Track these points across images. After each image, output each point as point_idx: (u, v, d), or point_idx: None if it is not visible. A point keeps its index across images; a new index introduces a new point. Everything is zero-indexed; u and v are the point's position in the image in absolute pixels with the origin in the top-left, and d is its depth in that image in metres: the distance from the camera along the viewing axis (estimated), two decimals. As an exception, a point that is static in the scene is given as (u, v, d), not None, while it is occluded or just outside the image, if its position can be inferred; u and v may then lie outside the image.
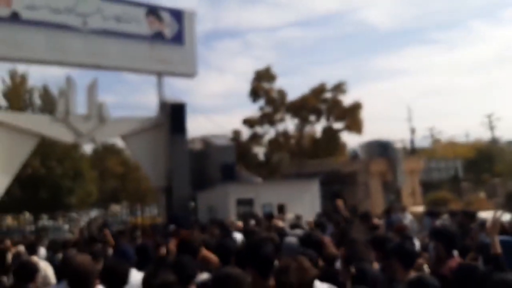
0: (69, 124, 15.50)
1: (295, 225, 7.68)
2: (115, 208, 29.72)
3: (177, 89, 35.87)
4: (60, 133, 15.66)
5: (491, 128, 41.86)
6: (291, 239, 5.03)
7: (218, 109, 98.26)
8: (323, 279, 3.13)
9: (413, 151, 29.76)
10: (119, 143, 22.31)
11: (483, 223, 5.21)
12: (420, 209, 16.17)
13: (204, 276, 3.59)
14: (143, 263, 4.18)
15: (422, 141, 43.70)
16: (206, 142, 19.94)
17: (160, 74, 17.74)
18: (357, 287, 2.88)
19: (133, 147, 17.55)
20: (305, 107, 29.47)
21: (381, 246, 3.75)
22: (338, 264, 3.83)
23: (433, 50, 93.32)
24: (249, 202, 14.85)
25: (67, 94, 15.86)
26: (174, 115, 16.83)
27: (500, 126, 66.97)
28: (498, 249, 3.19)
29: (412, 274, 3.19)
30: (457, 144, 41.46)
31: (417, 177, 23.63)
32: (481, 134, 61.96)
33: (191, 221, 14.07)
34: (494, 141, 41.86)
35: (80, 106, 16.01)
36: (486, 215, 8.91)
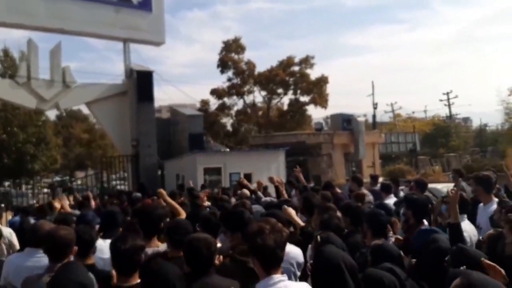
0: (31, 89, 15.06)
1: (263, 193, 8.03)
2: (80, 175, 29.35)
3: (144, 57, 35.07)
4: (22, 98, 15.22)
5: (449, 105, 43.76)
6: (257, 207, 5.39)
7: (186, 79, 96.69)
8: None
9: (374, 125, 30.81)
10: (85, 109, 21.87)
11: (444, 195, 5.51)
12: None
13: None
14: (110, 229, 4.21)
15: (383, 116, 45.17)
16: (174, 111, 19.92)
17: (126, 41, 17.36)
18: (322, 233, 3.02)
19: (98, 114, 17.30)
20: (273, 80, 29.74)
21: (351, 213, 4.00)
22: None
23: (397, 28, 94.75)
24: (216, 171, 15.15)
25: (29, 58, 15.35)
26: (141, 82, 16.65)
27: (457, 103, 69.65)
28: (458, 218, 3.36)
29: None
30: (416, 119, 43.16)
31: (377, 150, 24.70)
32: (439, 111, 64.49)
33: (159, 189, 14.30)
34: (450, 118, 43.83)
35: (43, 71, 15.57)
36: (441, 187, 9.58)
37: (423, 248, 3.22)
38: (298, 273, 3.37)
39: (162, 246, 3.63)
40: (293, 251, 3.44)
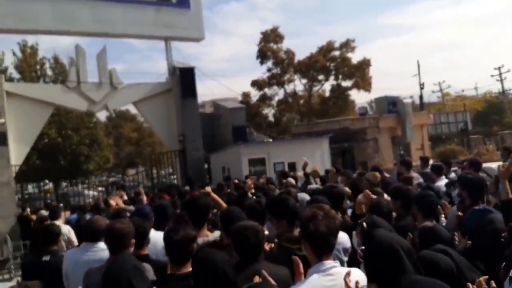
0: (81, 92, 15.83)
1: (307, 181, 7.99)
2: (131, 172, 30.59)
3: (185, 54, 35.80)
4: (73, 102, 16.03)
5: (501, 80, 41.26)
6: (303, 195, 5.39)
7: (226, 73, 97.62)
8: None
9: (422, 106, 29.66)
10: (132, 109, 22.75)
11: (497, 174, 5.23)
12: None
13: None
14: (161, 222, 4.30)
15: (431, 96, 43.36)
16: (217, 105, 20.28)
17: (167, 39, 17.78)
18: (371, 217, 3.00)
19: (145, 112, 17.91)
20: (313, 67, 29.37)
21: (400, 196, 3.94)
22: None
23: (440, 4, 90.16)
24: (261, 162, 15.28)
25: (78, 62, 16.11)
26: (183, 79, 17.04)
27: (510, 78, 65.57)
28: (509, 194, 3.26)
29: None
30: (466, 97, 41.11)
31: (426, 132, 23.80)
32: (491, 87, 60.78)
33: (206, 182, 14.67)
34: (503, 94, 41.33)
35: (91, 74, 16.31)
36: (495, 166, 9.12)
37: (478, 229, 3.13)
38: (345, 259, 3.34)
39: (212, 236, 3.72)
40: (340, 236, 3.41)
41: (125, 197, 8.55)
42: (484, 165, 7.72)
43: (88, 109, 16.70)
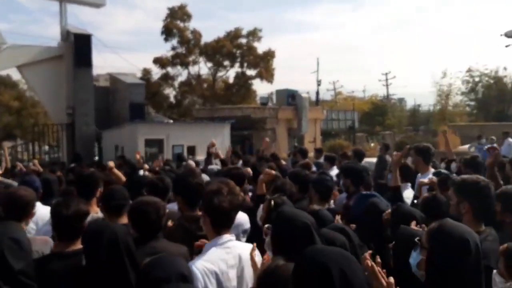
0: (-47, 48, 13.66)
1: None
2: (8, 145, 27.39)
3: (83, 21, 32.99)
4: None
5: (387, 85, 45.77)
6: (204, 176, 5.31)
7: (127, 47, 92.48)
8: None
9: (317, 102, 31.51)
10: (15, 75, 20.22)
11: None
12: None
13: None
14: (46, 197, 4.10)
15: (325, 94, 46.38)
16: (114, 78, 18.97)
17: (62, 1, 16.15)
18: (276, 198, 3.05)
19: (31, 79, 16.13)
20: (219, 51, 29.23)
21: (298, 180, 4.10)
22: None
23: (344, 7, 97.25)
24: (158, 143, 14.77)
25: None
26: (78, 46, 15.65)
27: (393, 84, 73.21)
28: (398, 182, 3.67)
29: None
30: (356, 98, 44.79)
31: (319, 126, 25.36)
32: (378, 90, 67.52)
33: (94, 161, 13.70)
34: (387, 98, 45.96)
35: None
36: (375, 161, 10.12)
37: (364, 212, 3.40)
38: (243, 240, 3.38)
39: (101, 213, 3.49)
40: (240, 217, 3.38)
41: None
42: (366, 159, 8.57)
43: (-40, 68, 14.47)
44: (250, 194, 4.70)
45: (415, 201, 3.82)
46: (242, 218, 3.43)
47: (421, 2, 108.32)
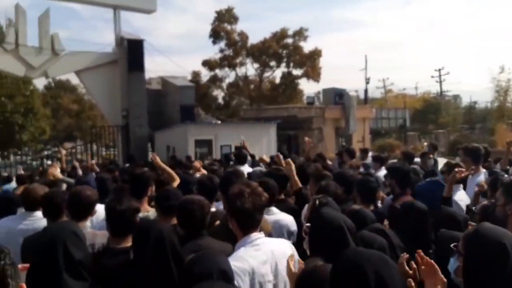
0: (19, 56, 14.72)
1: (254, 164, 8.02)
2: (68, 146, 29.15)
3: (135, 27, 34.35)
4: (10, 66, 14.88)
5: (440, 82, 43.80)
6: (257, 169, 5.42)
7: (177, 50, 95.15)
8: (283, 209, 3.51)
9: (366, 100, 30.81)
10: (74, 80, 21.50)
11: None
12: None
13: None
14: (102, 195, 4.14)
15: (375, 92, 45.19)
16: (165, 82, 19.68)
17: (116, 8, 16.93)
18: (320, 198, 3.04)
19: (88, 83, 17.03)
20: (266, 52, 29.40)
21: (344, 181, 3.99)
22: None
23: (391, 3, 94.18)
24: (207, 143, 15.12)
25: (17, 23, 14.92)
26: (131, 51, 16.36)
27: (448, 80, 70.00)
28: (449, 193, 3.54)
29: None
30: (407, 95, 43.23)
31: (367, 125, 24.81)
32: (430, 87, 64.78)
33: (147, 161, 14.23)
34: (441, 95, 43.96)
35: (31, 39, 15.17)
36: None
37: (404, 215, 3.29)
38: (289, 241, 3.41)
39: (152, 212, 3.60)
40: (284, 218, 3.46)
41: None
42: (418, 159, 8.23)
43: (26, 75, 15.59)
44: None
45: (474, 208, 3.68)
46: (287, 219, 3.45)
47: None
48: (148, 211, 3.63)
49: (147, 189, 3.77)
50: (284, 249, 2.41)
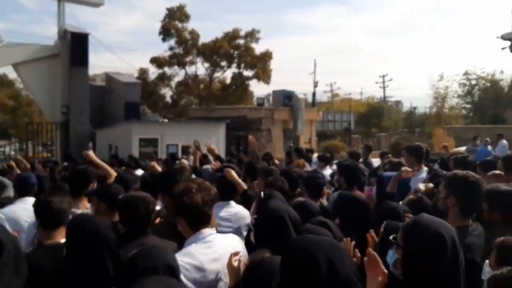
0: None
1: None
2: (1, 143, 27.27)
3: (82, 22, 32.90)
4: None
5: (383, 87, 45.88)
6: (207, 167, 5.36)
7: (126, 47, 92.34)
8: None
9: (313, 103, 31.57)
10: (10, 74, 20.12)
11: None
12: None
13: None
14: (38, 193, 3.97)
15: (322, 96, 46.49)
16: (110, 78, 18.88)
17: (61, 0, 16.08)
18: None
19: (26, 77, 16.02)
20: (217, 52, 29.23)
21: (289, 178, 4.02)
22: None
23: (342, 10, 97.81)
24: (153, 142, 14.70)
25: None
26: (75, 45, 15.57)
27: (390, 87, 73.55)
28: (393, 189, 3.66)
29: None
30: (352, 100, 44.87)
31: (314, 127, 25.39)
32: (374, 93, 67.81)
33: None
34: (384, 100, 46.06)
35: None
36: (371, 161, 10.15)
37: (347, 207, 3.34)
38: (245, 234, 3.35)
39: (92, 208, 3.45)
40: (242, 211, 3.49)
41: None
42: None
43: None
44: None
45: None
46: (244, 212, 3.49)
47: (418, 5, 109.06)
48: (87, 208, 3.48)
49: (88, 186, 3.60)
50: (234, 245, 2.35)
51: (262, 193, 2.92)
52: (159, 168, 5.76)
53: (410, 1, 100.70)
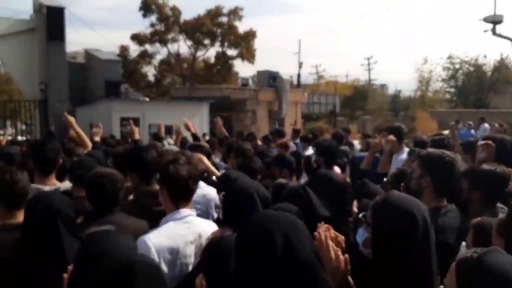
0: None
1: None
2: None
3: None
4: None
5: (369, 70, 45.95)
6: (172, 146, 5.28)
7: (105, 24, 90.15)
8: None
9: (299, 84, 31.45)
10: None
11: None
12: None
13: None
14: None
15: (308, 78, 46.35)
16: (89, 55, 18.36)
17: (35, -29, 15.43)
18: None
19: (2, 53, 15.45)
20: (199, 29, 28.68)
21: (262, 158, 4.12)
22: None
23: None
24: (134, 121, 14.42)
25: None
26: (51, 19, 14.98)
27: (377, 69, 73.72)
28: (368, 165, 3.71)
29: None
30: (338, 82, 44.87)
31: (300, 109, 25.33)
32: (360, 75, 68.07)
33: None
34: (369, 83, 46.20)
35: None
36: (355, 143, 10.31)
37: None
38: (216, 215, 3.33)
39: (62, 185, 3.36)
40: (211, 192, 3.43)
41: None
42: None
43: None
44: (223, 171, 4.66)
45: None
46: (213, 192, 3.41)
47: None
48: (56, 185, 3.35)
49: (55, 162, 3.43)
50: (211, 231, 2.28)
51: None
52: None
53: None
